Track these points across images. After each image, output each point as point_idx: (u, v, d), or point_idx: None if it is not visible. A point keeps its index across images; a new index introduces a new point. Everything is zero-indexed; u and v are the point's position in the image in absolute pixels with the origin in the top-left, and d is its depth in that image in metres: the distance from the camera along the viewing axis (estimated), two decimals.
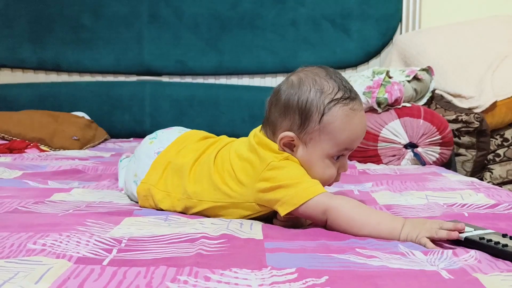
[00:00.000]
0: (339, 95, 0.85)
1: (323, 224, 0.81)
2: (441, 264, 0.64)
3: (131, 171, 1.04)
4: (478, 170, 1.87)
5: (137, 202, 1.02)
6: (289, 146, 0.87)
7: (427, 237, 0.72)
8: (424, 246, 0.71)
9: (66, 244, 0.70)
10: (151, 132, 2.54)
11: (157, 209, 0.96)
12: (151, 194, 0.96)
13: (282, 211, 0.82)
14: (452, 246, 0.72)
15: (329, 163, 0.87)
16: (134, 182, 1.01)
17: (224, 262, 0.64)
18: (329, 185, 0.91)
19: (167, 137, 1.03)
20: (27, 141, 1.85)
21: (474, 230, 0.74)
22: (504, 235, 0.71)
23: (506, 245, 0.67)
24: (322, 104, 0.84)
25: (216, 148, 0.94)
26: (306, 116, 0.84)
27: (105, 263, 0.63)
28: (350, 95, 0.86)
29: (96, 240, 0.72)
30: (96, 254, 0.67)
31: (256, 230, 0.81)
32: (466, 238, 0.71)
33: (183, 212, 0.93)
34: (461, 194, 1.08)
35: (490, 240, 0.69)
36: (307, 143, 0.85)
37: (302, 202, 0.80)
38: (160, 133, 1.07)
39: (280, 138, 0.86)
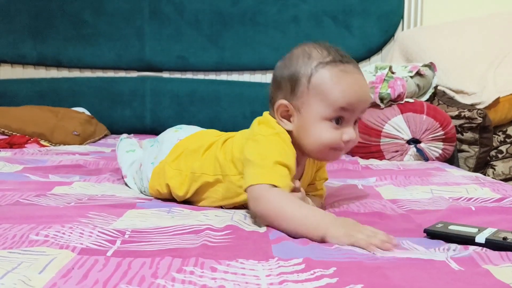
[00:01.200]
0: (328, 59, 0.83)
1: (254, 216, 0.80)
2: (449, 253, 0.63)
3: (152, 154, 1.07)
4: (481, 167, 1.86)
5: (143, 193, 1.05)
6: (286, 117, 0.86)
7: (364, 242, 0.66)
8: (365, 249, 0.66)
9: (69, 236, 0.69)
10: (151, 128, 2.52)
11: (165, 190, 0.98)
12: (164, 171, 0.98)
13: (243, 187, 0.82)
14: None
15: (327, 126, 0.82)
16: (151, 164, 1.04)
17: (230, 253, 0.63)
18: (338, 154, 0.86)
19: (191, 129, 1.08)
20: (27, 136, 1.84)
21: (479, 230, 0.70)
22: None
23: None
24: (309, 67, 0.83)
25: (229, 135, 0.96)
26: (295, 81, 0.83)
27: (109, 253, 0.62)
28: (341, 59, 0.83)
29: (99, 232, 0.72)
30: (99, 246, 0.66)
31: (260, 222, 0.80)
32: (487, 240, 0.67)
33: (187, 189, 0.94)
34: (466, 189, 1.08)
35: None
36: (300, 108, 0.84)
37: (248, 184, 0.79)
38: (185, 126, 1.12)
39: (275, 109, 0.86)
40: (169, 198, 0.99)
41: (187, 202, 0.97)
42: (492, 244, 0.66)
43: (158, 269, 0.57)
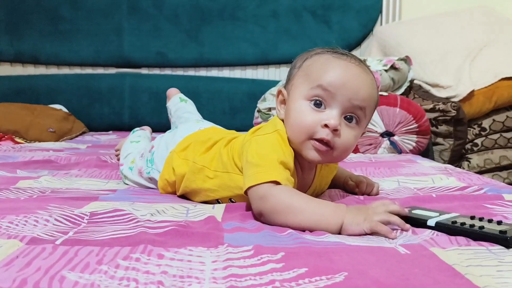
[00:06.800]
0: (326, 50, 0.82)
1: (258, 215, 0.74)
2: (399, 241, 0.64)
3: (171, 143, 1.06)
4: (456, 159, 1.88)
5: (144, 177, 1.07)
6: (284, 103, 0.85)
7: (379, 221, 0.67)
8: (377, 231, 0.66)
9: (22, 226, 0.69)
10: (130, 125, 2.49)
11: (173, 177, 0.97)
12: (172, 160, 0.98)
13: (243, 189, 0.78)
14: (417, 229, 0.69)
15: (305, 106, 0.78)
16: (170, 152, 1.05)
17: (181, 241, 0.63)
18: (318, 147, 0.77)
19: (210, 124, 1.12)
20: (1, 134, 1.82)
21: (440, 214, 0.71)
22: (472, 217, 0.68)
23: (482, 227, 0.63)
24: (307, 55, 0.83)
25: (234, 135, 0.95)
26: (292, 68, 0.84)
27: (58, 242, 0.61)
28: (340, 52, 0.81)
29: (53, 221, 0.71)
30: (51, 235, 0.65)
31: (218, 211, 0.80)
32: (437, 223, 0.67)
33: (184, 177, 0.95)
34: (433, 178, 1.08)
35: (464, 224, 0.65)
36: (290, 91, 0.83)
37: (249, 185, 0.74)
38: (206, 121, 1.17)
39: (276, 96, 0.86)
40: (173, 192, 0.99)
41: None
42: (441, 228, 0.67)
43: (104, 257, 0.56)
